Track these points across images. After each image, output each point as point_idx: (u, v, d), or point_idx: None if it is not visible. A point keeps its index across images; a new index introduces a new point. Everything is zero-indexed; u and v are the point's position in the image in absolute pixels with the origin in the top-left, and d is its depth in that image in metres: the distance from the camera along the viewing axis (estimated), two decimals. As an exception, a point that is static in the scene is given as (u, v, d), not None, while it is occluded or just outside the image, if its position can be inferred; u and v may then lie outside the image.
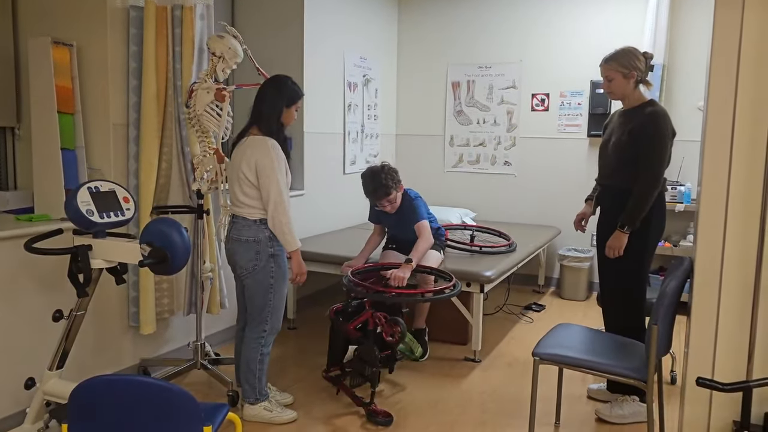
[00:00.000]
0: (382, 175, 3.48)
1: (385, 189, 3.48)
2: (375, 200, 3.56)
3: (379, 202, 3.54)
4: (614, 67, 2.96)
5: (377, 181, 3.48)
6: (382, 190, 3.48)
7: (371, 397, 3.03)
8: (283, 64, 4.52)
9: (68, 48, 3.04)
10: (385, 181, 3.47)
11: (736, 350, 2.17)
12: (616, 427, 2.97)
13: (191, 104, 3.10)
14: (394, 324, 3.08)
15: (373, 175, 3.50)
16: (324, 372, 3.36)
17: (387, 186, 3.48)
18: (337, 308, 3.28)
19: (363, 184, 3.56)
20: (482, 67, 5.65)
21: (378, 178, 3.48)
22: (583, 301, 5.13)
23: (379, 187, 3.48)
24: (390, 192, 3.50)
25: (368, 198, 3.60)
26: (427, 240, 3.57)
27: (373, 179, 3.49)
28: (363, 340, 3.09)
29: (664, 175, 2.92)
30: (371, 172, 3.52)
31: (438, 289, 3.15)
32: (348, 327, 3.12)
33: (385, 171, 3.50)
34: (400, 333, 3.06)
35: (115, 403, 1.80)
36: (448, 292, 3.15)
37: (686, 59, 4.92)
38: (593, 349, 2.56)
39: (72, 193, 2.42)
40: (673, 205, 4.68)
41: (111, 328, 3.22)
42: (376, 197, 3.52)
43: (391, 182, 3.49)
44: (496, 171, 5.70)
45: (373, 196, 3.54)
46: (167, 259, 2.35)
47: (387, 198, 3.51)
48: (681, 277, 2.40)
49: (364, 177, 3.55)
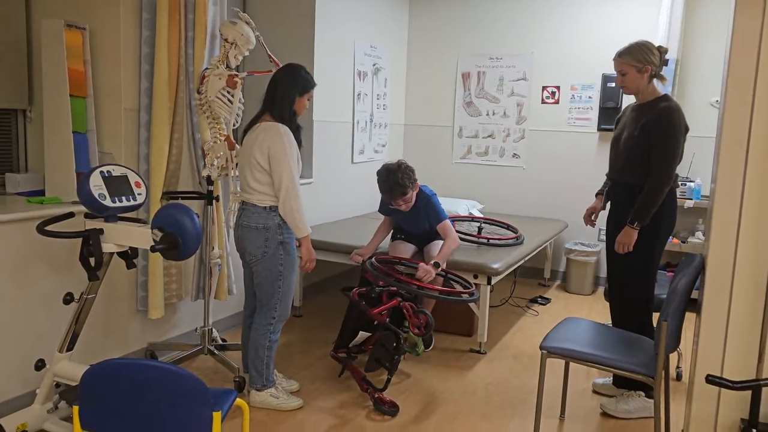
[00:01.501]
0: (399, 174, 3.42)
1: (401, 189, 3.42)
2: (390, 199, 3.50)
3: (395, 201, 3.49)
4: (628, 61, 2.93)
5: (393, 180, 3.42)
6: (398, 190, 3.43)
7: (386, 384, 3.04)
8: (293, 52, 4.51)
9: (81, 31, 3.04)
10: (402, 181, 3.41)
11: (746, 349, 2.16)
12: (621, 422, 2.98)
13: (203, 90, 3.09)
14: (422, 315, 3.10)
15: (389, 174, 3.44)
16: (332, 351, 3.39)
17: (404, 186, 3.42)
18: (360, 292, 3.29)
19: (379, 182, 3.50)
20: (493, 58, 5.62)
21: (394, 177, 3.42)
22: (588, 295, 5.13)
23: (395, 186, 3.42)
24: (406, 192, 3.44)
25: (383, 196, 3.56)
26: (455, 241, 3.55)
27: (389, 178, 3.43)
28: (387, 326, 3.10)
29: (676, 172, 2.90)
30: (387, 170, 3.46)
31: (460, 292, 3.27)
32: (373, 311, 3.13)
33: (402, 170, 3.43)
34: (426, 324, 3.08)
35: (125, 387, 1.81)
36: (467, 297, 3.25)
37: (700, 54, 4.88)
38: (601, 344, 2.56)
39: (84, 177, 2.42)
40: (683, 202, 4.66)
41: (120, 311, 3.24)
42: (392, 196, 3.46)
43: (408, 181, 3.43)
44: (504, 163, 5.68)
45: (388, 195, 3.48)
46: (179, 244, 2.36)
47: (403, 198, 3.46)
48: (692, 275, 2.39)
49: (380, 175, 3.49)
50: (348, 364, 3.29)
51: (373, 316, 3.12)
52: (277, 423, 2.85)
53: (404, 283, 3.18)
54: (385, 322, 3.11)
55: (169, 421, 1.84)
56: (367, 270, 3.29)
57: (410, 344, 3.23)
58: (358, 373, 3.21)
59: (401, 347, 3.04)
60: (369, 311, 3.12)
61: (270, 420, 2.87)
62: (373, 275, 3.23)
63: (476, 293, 3.28)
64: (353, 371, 3.24)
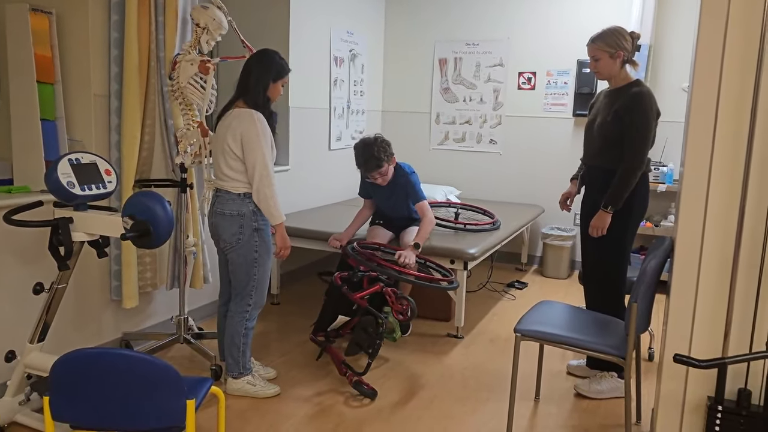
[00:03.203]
0: (375, 147, 3.45)
1: (376, 161, 3.46)
2: (366, 172, 3.53)
3: (370, 174, 3.52)
4: (601, 47, 2.95)
5: (369, 153, 3.45)
6: (373, 162, 3.46)
7: (366, 368, 3.06)
8: (268, 37, 4.46)
9: (47, 16, 2.96)
10: (377, 153, 3.45)
11: (713, 328, 2.21)
12: (594, 402, 3.03)
13: (174, 76, 3.05)
14: (405, 300, 3.12)
15: (365, 147, 3.48)
16: (312, 335, 3.40)
17: (379, 158, 3.45)
18: (342, 276, 3.29)
19: (355, 155, 3.54)
20: (470, 44, 5.62)
21: (370, 150, 3.45)
22: (565, 279, 5.20)
23: (370, 158, 3.45)
24: (381, 164, 3.48)
25: (359, 169, 3.58)
26: (431, 221, 3.60)
27: (365, 150, 3.47)
28: (369, 311, 3.11)
29: (648, 156, 2.94)
30: (363, 143, 3.49)
31: (440, 279, 3.29)
32: (355, 296, 3.14)
33: (378, 143, 3.47)
34: (410, 309, 3.10)
35: (97, 376, 1.79)
36: (446, 285, 3.28)
37: (673, 40, 4.93)
38: (574, 326, 2.59)
39: (52, 165, 2.38)
40: (656, 186, 4.73)
41: (93, 301, 3.20)
42: (367, 169, 3.50)
43: (383, 155, 3.47)
44: (481, 149, 5.70)
45: (363, 168, 3.51)
46: (150, 232, 2.33)
47: (378, 170, 3.49)
48: (661, 257, 2.44)
49: (357, 148, 3.52)
50: (327, 347, 3.30)
51: (356, 301, 3.13)
52: (255, 410, 2.85)
53: (388, 269, 3.20)
54: (366, 306, 3.12)
55: (142, 410, 1.83)
56: (349, 255, 3.29)
57: (388, 330, 3.24)
58: (338, 357, 3.22)
59: (382, 332, 3.06)
60: (351, 296, 3.13)
61: (247, 407, 2.87)
62: (356, 260, 3.24)
63: (456, 281, 3.31)
64: (333, 354, 3.25)
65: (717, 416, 2.14)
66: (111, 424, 1.86)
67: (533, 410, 2.94)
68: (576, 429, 2.78)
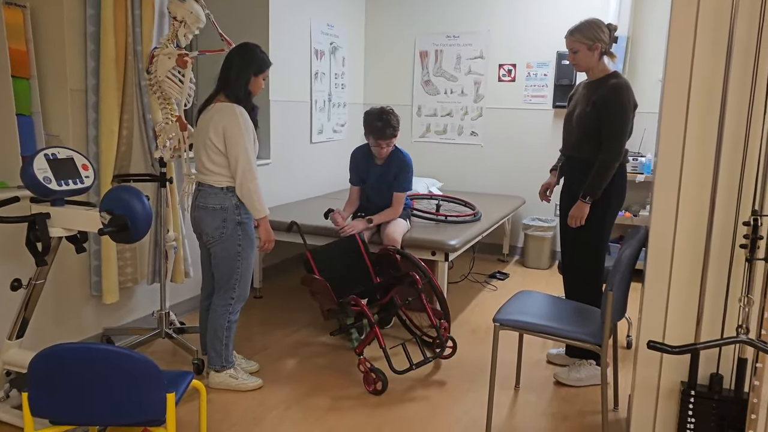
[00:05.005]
0: (392, 116, 3.57)
1: (393, 130, 3.57)
2: (379, 138, 3.58)
3: (383, 141, 3.58)
4: (579, 39, 2.98)
5: (386, 120, 3.55)
6: (390, 130, 3.56)
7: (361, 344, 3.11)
8: (248, 30, 4.44)
9: (21, 9, 2.93)
10: (394, 123, 3.57)
11: (685, 315, 2.26)
12: (573, 390, 3.08)
13: (152, 70, 3.03)
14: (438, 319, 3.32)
15: (382, 113, 3.57)
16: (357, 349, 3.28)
17: (395, 128, 3.58)
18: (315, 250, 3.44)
19: (369, 121, 3.59)
20: (450, 36, 5.63)
21: (387, 117, 3.55)
22: (546, 269, 5.25)
23: (387, 126, 3.55)
24: (396, 133, 3.60)
25: (371, 135, 3.61)
26: (396, 213, 3.70)
27: (381, 117, 3.55)
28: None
29: (626, 147, 2.98)
30: (381, 110, 3.58)
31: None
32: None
33: (394, 113, 3.60)
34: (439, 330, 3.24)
35: (75, 371, 1.80)
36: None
37: (649, 32, 4.98)
38: (552, 315, 2.63)
39: (28, 160, 2.36)
40: (634, 176, 4.79)
41: (73, 297, 3.18)
42: (383, 135, 3.56)
43: (397, 125, 3.60)
44: (462, 141, 5.73)
45: (379, 133, 3.56)
46: (128, 227, 2.32)
47: (393, 138, 3.59)
48: (636, 246, 2.48)
49: (371, 115, 3.59)
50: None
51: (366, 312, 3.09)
52: (237, 403, 2.86)
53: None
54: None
55: (121, 404, 1.83)
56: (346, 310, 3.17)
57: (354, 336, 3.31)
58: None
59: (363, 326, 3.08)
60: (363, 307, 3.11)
61: (230, 401, 2.88)
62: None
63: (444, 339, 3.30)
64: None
65: (690, 401, 2.19)
66: (90, 419, 1.86)
67: (513, 399, 2.98)
68: (555, 416, 2.82)
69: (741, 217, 2.15)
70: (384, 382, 2.98)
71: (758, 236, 2.00)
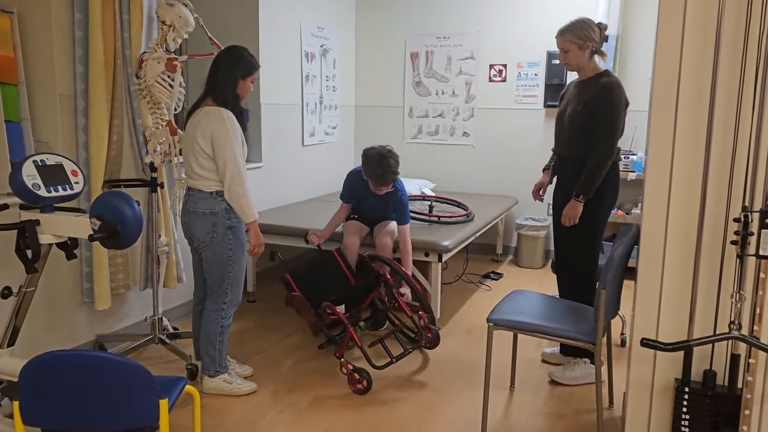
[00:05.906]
0: (392, 161, 3.41)
1: (393, 177, 3.44)
2: (378, 184, 3.45)
3: (384, 186, 3.47)
4: (570, 39, 2.99)
5: (386, 166, 3.39)
6: (390, 177, 3.42)
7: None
8: (237, 33, 4.43)
9: (9, 15, 2.91)
10: (394, 168, 3.42)
11: (678, 312, 2.26)
12: (568, 388, 3.09)
13: (141, 75, 3.01)
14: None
15: (382, 159, 3.40)
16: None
17: (396, 173, 3.44)
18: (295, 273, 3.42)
19: (369, 165, 3.43)
20: (441, 37, 5.64)
21: (388, 164, 3.39)
22: (539, 269, 5.26)
23: (387, 173, 3.40)
24: (396, 177, 3.48)
25: (370, 179, 3.47)
26: (408, 246, 3.61)
27: (382, 163, 3.39)
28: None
29: (618, 145, 2.99)
30: (380, 155, 3.41)
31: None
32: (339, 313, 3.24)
33: (394, 157, 3.43)
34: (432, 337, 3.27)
35: (67, 378, 1.78)
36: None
37: (639, 31, 5.00)
38: (546, 315, 2.63)
39: (17, 167, 2.34)
40: (626, 174, 4.81)
41: (64, 304, 3.16)
42: (383, 182, 3.43)
43: (397, 167, 3.45)
44: (454, 142, 5.73)
45: (379, 180, 3.43)
46: (118, 232, 2.31)
47: (393, 182, 3.48)
48: (628, 244, 2.48)
49: (372, 159, 3.42)
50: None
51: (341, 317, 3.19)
52: (231, 408, 2.85)
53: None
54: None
55: (114, 411, 1.82)
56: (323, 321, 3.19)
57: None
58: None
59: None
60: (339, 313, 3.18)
61: (224, 405, 2.87)
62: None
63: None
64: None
65: (684, 398, 2.19)
66: (83, 426, 1.85)
67: (508, 398, 2.98)
68: (551, 416, 2.82)
69: (731, 214, 2.16)
70: (368, 381, 2.97)
71: (749, 232, 2.01)
